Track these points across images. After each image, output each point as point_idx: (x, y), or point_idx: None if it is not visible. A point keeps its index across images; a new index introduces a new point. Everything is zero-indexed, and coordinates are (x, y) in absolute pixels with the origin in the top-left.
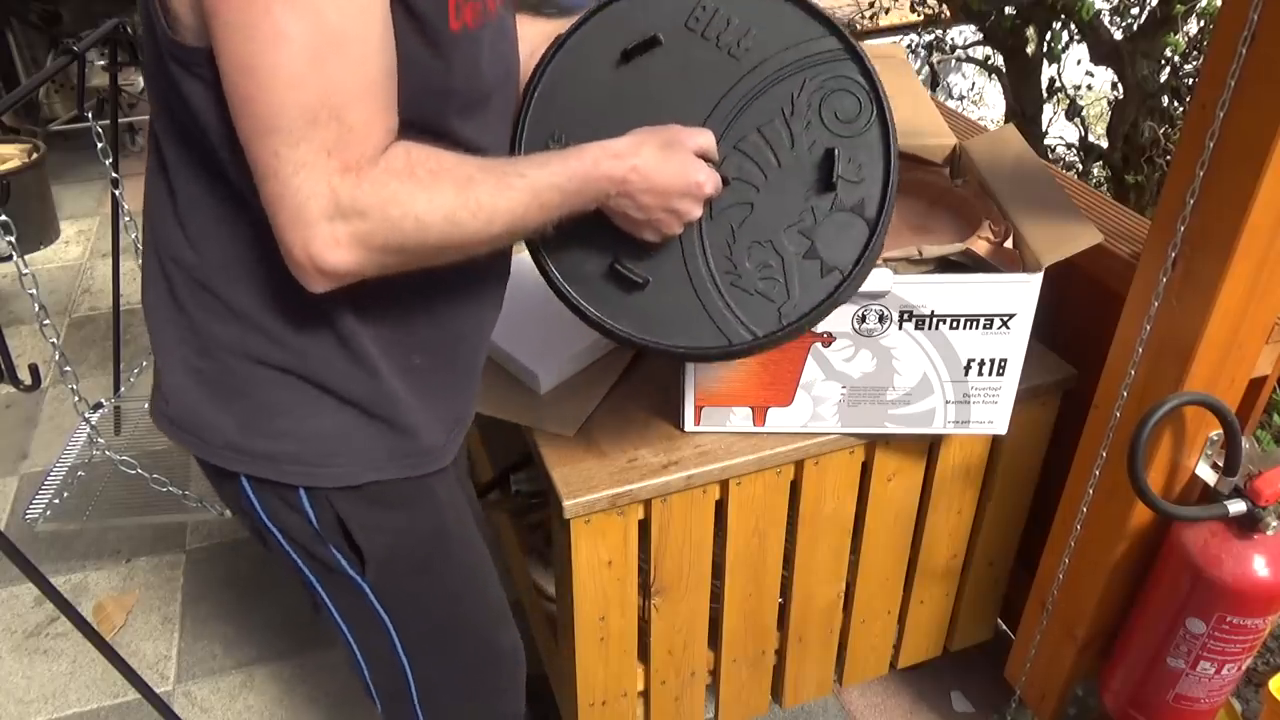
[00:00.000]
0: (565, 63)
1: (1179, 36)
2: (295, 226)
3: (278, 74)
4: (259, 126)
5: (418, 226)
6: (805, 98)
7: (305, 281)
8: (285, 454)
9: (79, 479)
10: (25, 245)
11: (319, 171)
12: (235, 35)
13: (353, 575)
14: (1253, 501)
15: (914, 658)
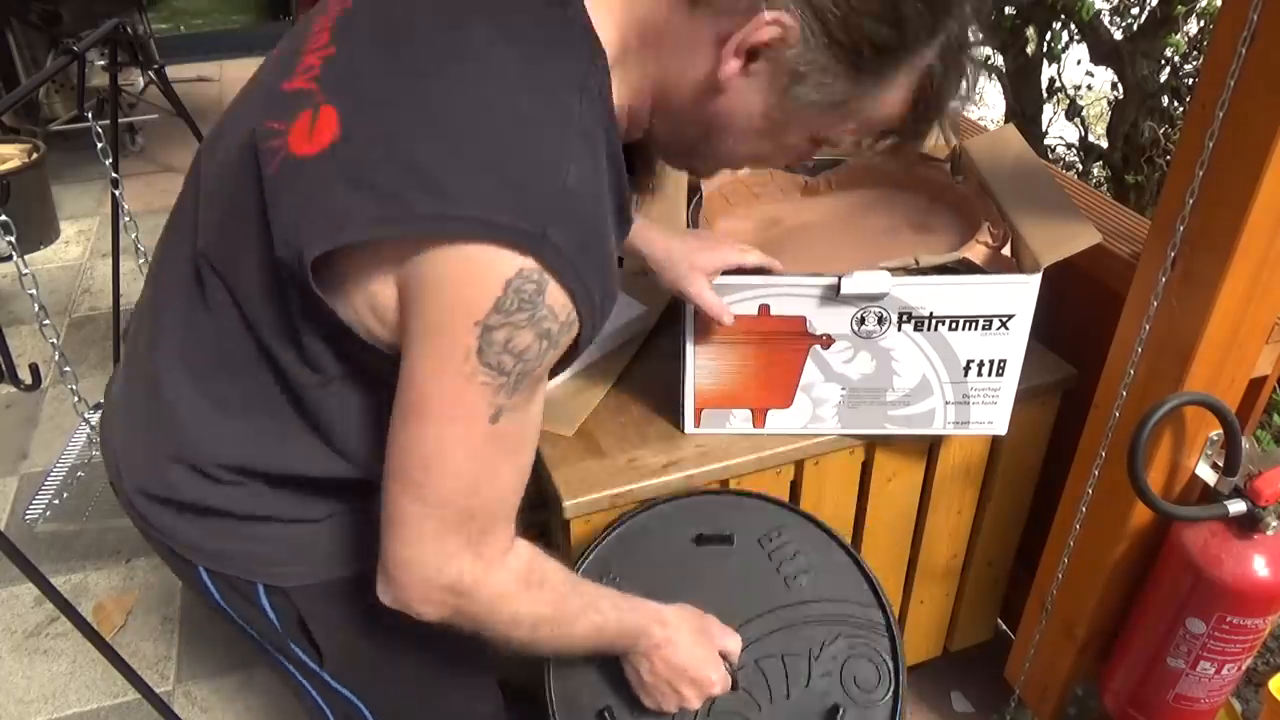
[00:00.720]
0: (651, 522)
1: (1179, 36)
2: (410, 583)
3: (459, 479)
4: (419, 505)
5: (508, 623)
6: (834, 650)
7: (382, 596)
8: (250, 554)
9: (79, 479)
10: (25, 245)
11: (457, 558)
12: (424, 436)
13: (312, 665)
14: (1253, 501)
15: (914, 658)
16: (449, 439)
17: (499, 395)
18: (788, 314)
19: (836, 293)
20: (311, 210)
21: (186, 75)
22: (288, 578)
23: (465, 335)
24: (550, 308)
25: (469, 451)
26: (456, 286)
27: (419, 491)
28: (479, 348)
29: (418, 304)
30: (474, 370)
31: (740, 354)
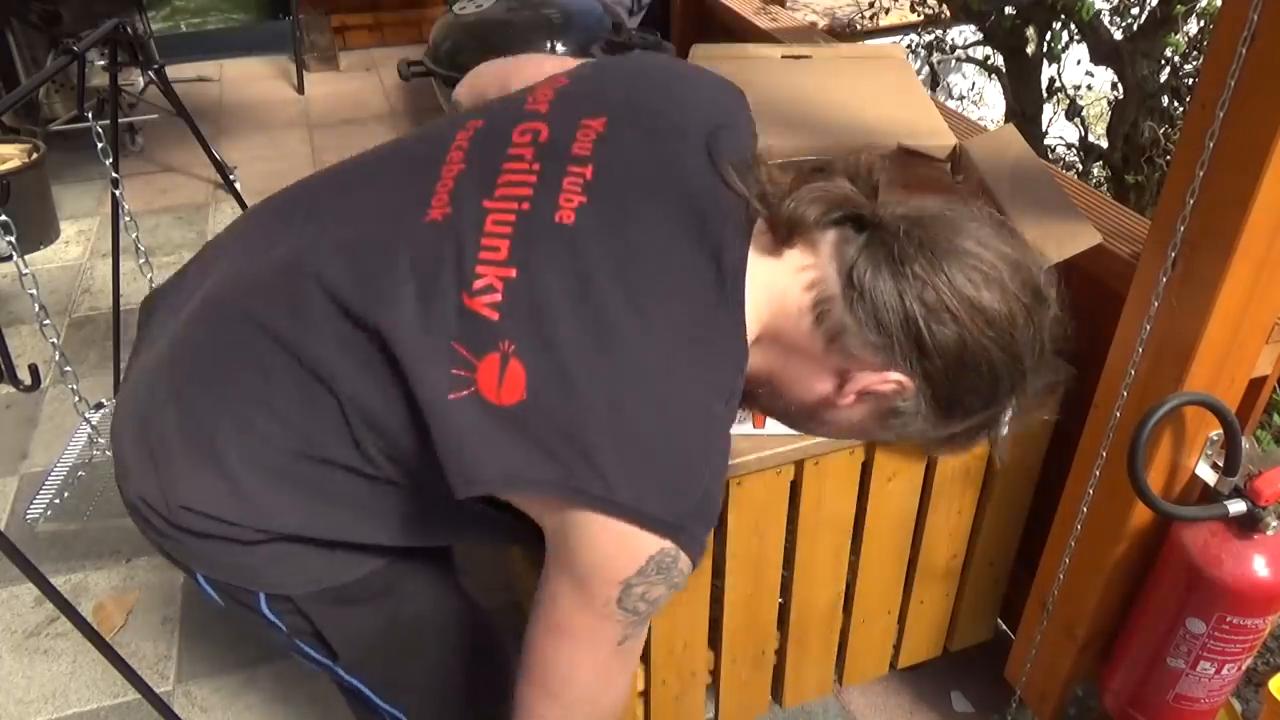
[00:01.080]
0: None
1: (1179, 36)
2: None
3: (586, 688)
4: (548, 705)
5: None
6: None
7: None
8: (251, 565)
9: (79, 479)
10: (25, 245)
11: None
12: (559, 652)
13: (326, 662)
14: (1253, 501)
15: (914, 658)
16: (582, 657)
17: (629, 628)
18: None
19: None
20: (491, 451)
21: (186, 75)
22: (287, 586)
23: (609, 588)
24: (681, 570)
25: (597, 666)
26: (607, 550)
27: (550, 694)
28: (619, 597)
29: (569, 548)
30: (612, 612)
31: None
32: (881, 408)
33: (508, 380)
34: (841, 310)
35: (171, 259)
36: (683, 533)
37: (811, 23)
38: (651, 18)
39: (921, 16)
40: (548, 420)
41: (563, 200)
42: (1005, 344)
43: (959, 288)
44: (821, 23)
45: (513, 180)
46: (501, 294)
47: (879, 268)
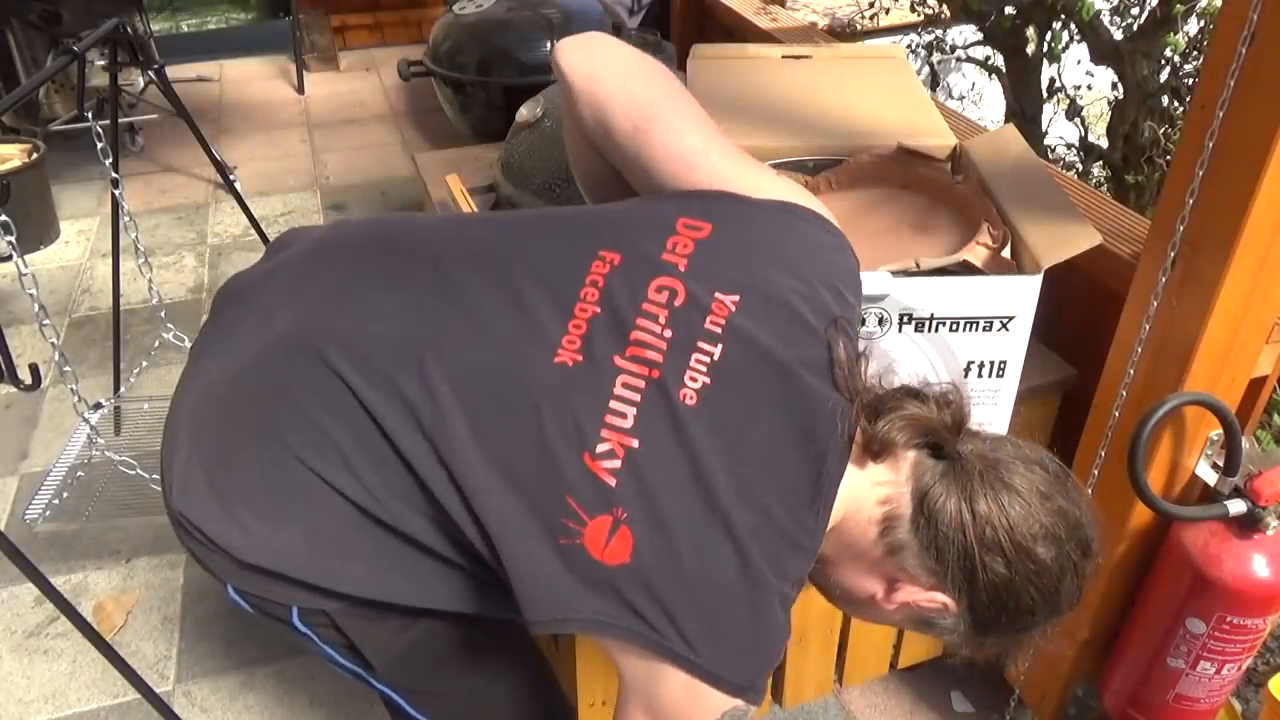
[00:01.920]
0: None
1: (1179, 36)
2: None
3: None
4: None
5: None
6: None
7: None
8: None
9: (79, 479)
10: (25, 245)
11: None
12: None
13: (364, 675)
14: (1253, 501)
15: (914, 658)
16: None
17: None
18: None
19: None
20: (581, 597)
21: (186, 75)
22: (327, 602)
23: None
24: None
25: None
26: (687, 704)
27: None
28: None
29: (650, 692)
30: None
31: None
32: (922, 617)
33: (615, 542)
34: (907, 530)
35: (171, 259)
36: (752, 692)
37: (811, 23)
38: (651, 18)
39: (921, 16)
40: (646, 585)
41: (688, 378)
42: (1049, 594)
43: (1018, 536)
44: (821, 23)
45: (645, 341)
46: (622, 462)
47: (949, 500)
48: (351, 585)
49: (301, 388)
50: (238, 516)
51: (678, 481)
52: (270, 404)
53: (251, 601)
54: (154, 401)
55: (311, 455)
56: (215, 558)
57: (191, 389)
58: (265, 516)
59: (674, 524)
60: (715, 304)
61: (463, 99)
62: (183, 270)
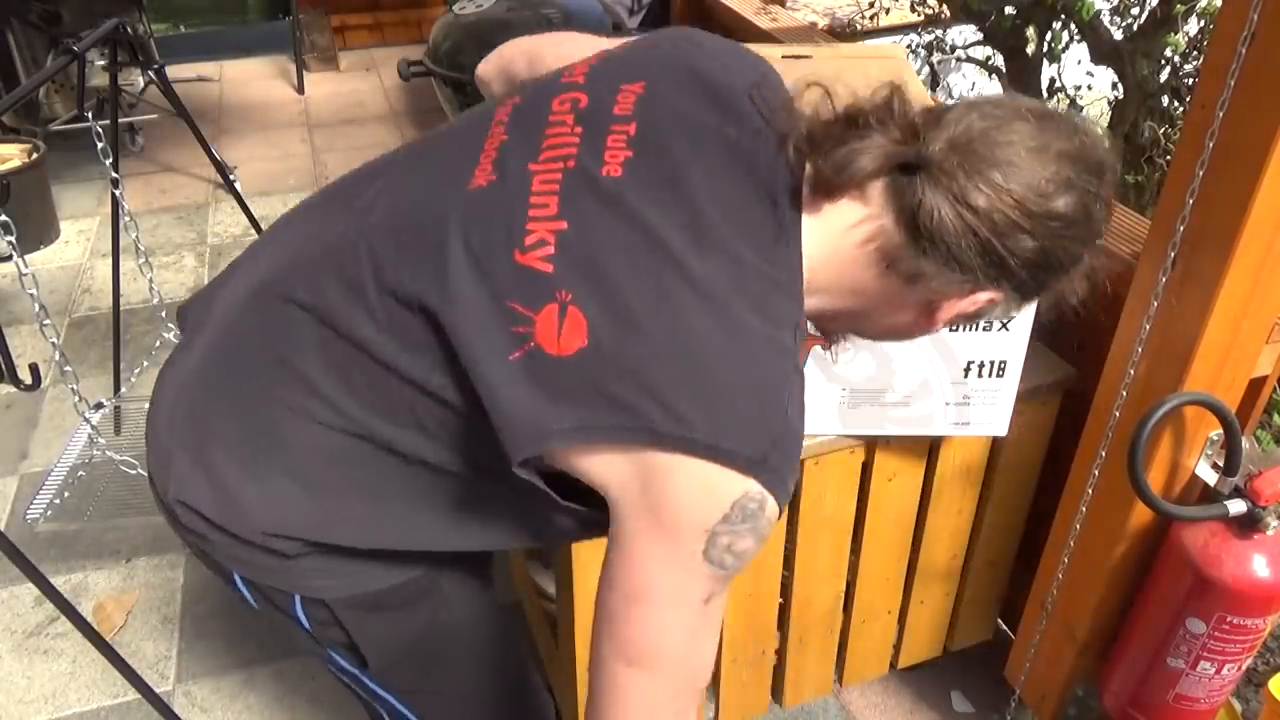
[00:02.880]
0: None
1: (1179, 36)
2: None
3: (674, 655)
4: (636, 679)
5: None
6: None
7: None
8: (288, 568)
9: (79, 479)
10: (25, 245)
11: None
12: (645, 621)
13: (358, 673)
14: (1253, 501)
15: (914, 658)
16: (669, 620)
17: (715, 584)
18: None
19: None
20: (557, 407)
21: (186, 75)
22: (328, 590)
23: (694, 540)
24: (768, 518)
25: (685, 629)
26: (690, 495)
27: (638, 667)
28: (705, 549)
29: (650, 499)
30: (698, 566)
31: None
32: (973, 315)
33: (567, 329)
34: (913, 258)
35: (171, 259)
36: (765, 470)
37: (811, 23)
38: (651, 18)
39: (921, 16)
40: (613, 364)
41: (608, 156)
42: (1082, 234)
43: (1030, 206)
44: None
45: (556, 144)
46: (554, 247)
47: (941, 210)
48: (351, 530)
49: (261, 336)
50: (229, 485)
51: (619, 251)
52: (237, 363)
53: (256, 594)
54: None
55: (281, 392)
56: (217, 540)
57: (164, 393)
58: (255, 474)
59: (624, 289)
60: (621, 94)
61: (463, 99)
62: (183, 270)
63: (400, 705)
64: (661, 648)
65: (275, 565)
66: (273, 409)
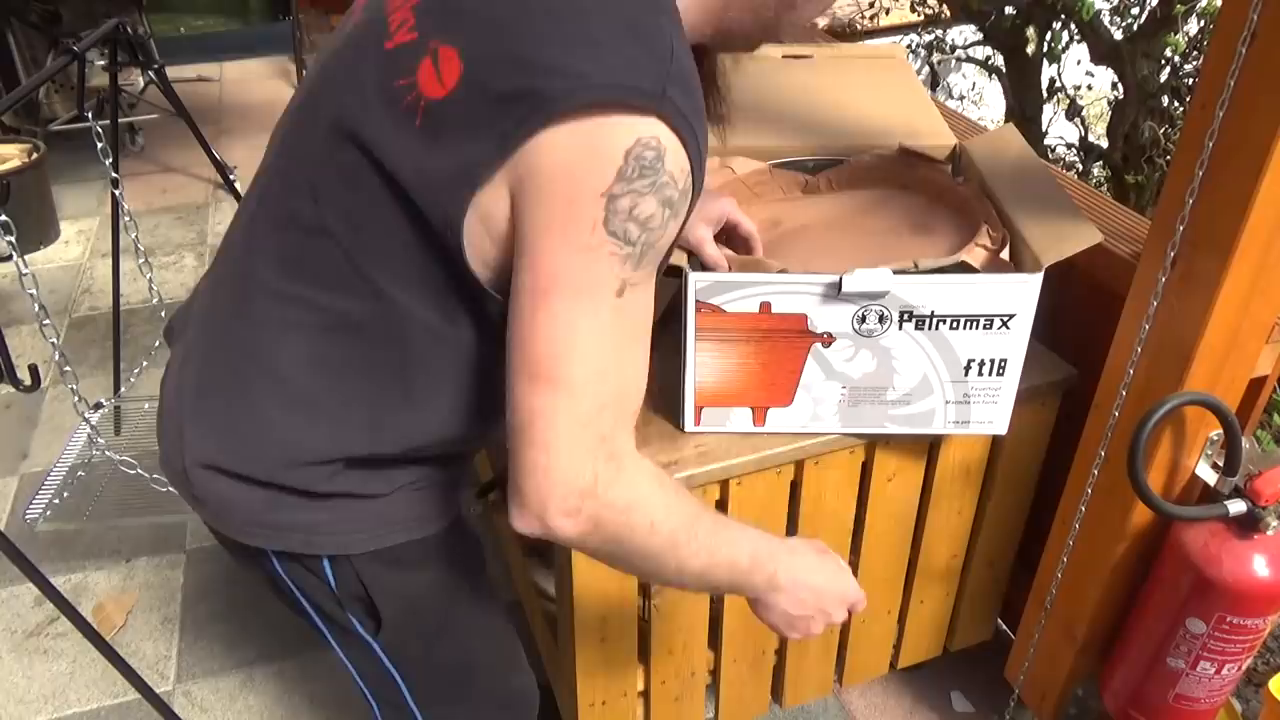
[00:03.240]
0: None
1: (1179, 36)
2: (545, 488)
3: (589, 363)
4: (550, 397)
5: (646, 532)
6: None
7: (516, 520)
8: (313, 524)
9: (79, 479)
10: (25, 245)
11: (591, 454)
12: (554, 320)
13: (363, 635)
14: (1253, 501)
15: (914, 658)
16: (578, 317)
17: (625, 266)
18: (789, 312)
19: (838, 291)
20: (462, 147)
21: (186, 75)
22: (350, 546)
23: (591, 208)
24: (670, 174)
25: (597, 329)
26: (579, 162)
27: (550, 382)
28: (605, 218)
29: (539, 192)
30: (601, 241)
31: (741, 352)
32: None
33: (443, 66)
34: None
35: (171, 259)
36: (666, 103)
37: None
38: None
39: (921, 16)
40: (489, 67)
41: None
42: None
43: None
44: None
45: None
46: (413, 16)
47: None
48: (359, 433)
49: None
50: (238, 428)
51: None
52: (217, 323)
53: (283, 559)
54: (154, 401)
55: (257, 314)
56: (241, 503)
57: (168, 397)
58: (258, 408)
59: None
60: None
61: None
62: (183, 270)
63: (401, 684)
64: (573, 354)
65: (302, 521)
66: (255, 337)
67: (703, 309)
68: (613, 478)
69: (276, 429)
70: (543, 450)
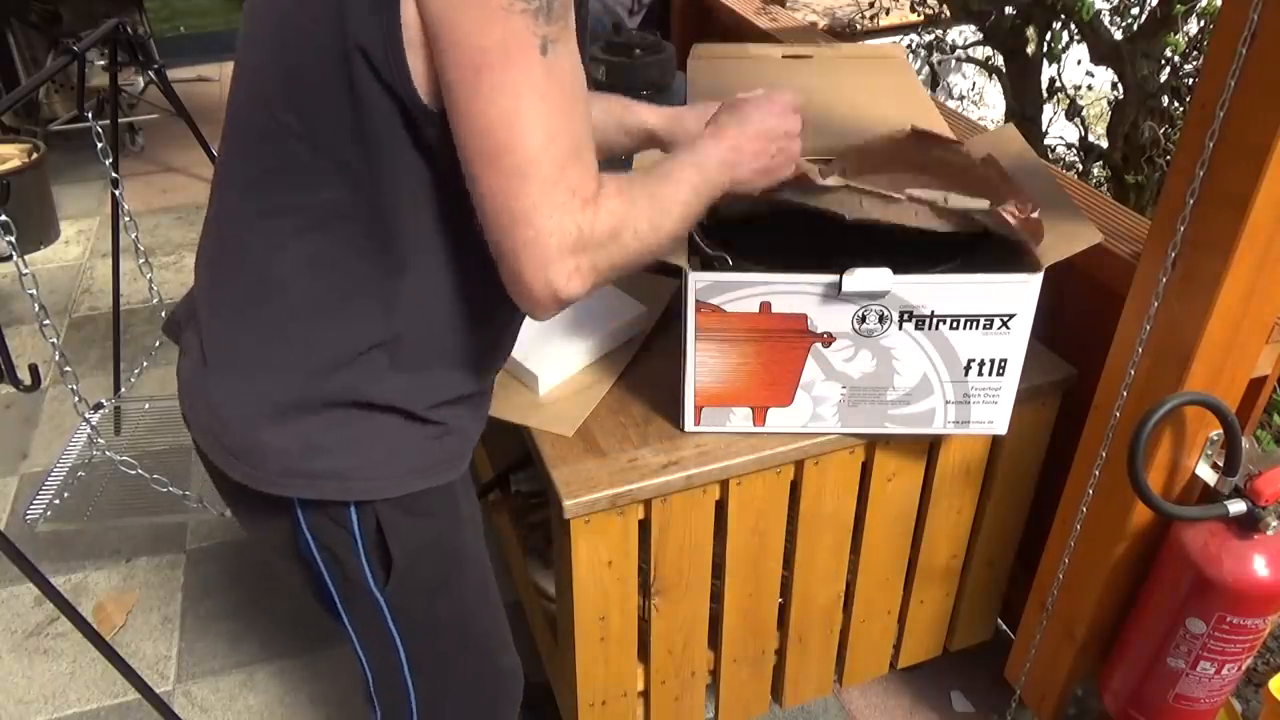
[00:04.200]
0: None
1: (1179, 36)
2: (541, 266)
3: (539, 127)
4: (513, 177)
5: (637, 242)
6: None
7: (536, 311)
8: (346, 469)
9: (79, 479)
10: (25, 245)
11: (569, 212)
12: (494, 94)
13: (374, 591)
14: (1253, 501)
15: (914, 658)
16: (514, 87)
17: (538, 22)
18: (789, 311)
19: (838, 291)
20: None
21: (186, 75)
22: (376, 491)
23: None
24: None
25: (535, 93)
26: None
27: (510, 160)
28: None
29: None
30: (510, 4)
31: (741, 352)
32: None
33: None
34: None
35: (171, 259)
36: None
37: (811, 23)
38: (651, 18)
39: (921, 16)
40: None
41: None
42: None
43: None
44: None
45: None
46: None
47: None
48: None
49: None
50: (256, 354)
51: None
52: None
53: (310, 515)
54: (154, 401)
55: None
56: (272, 444)
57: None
58: (271, 327)
59: None
60: None
61: None
62: (183, 270)
63: (400, 646)
64: (521, 126)
65: (337, 467)
66: (251, 268)
67: (703, 309)
68: (592, 220)
69: (297, 340)
70: (525, 225)
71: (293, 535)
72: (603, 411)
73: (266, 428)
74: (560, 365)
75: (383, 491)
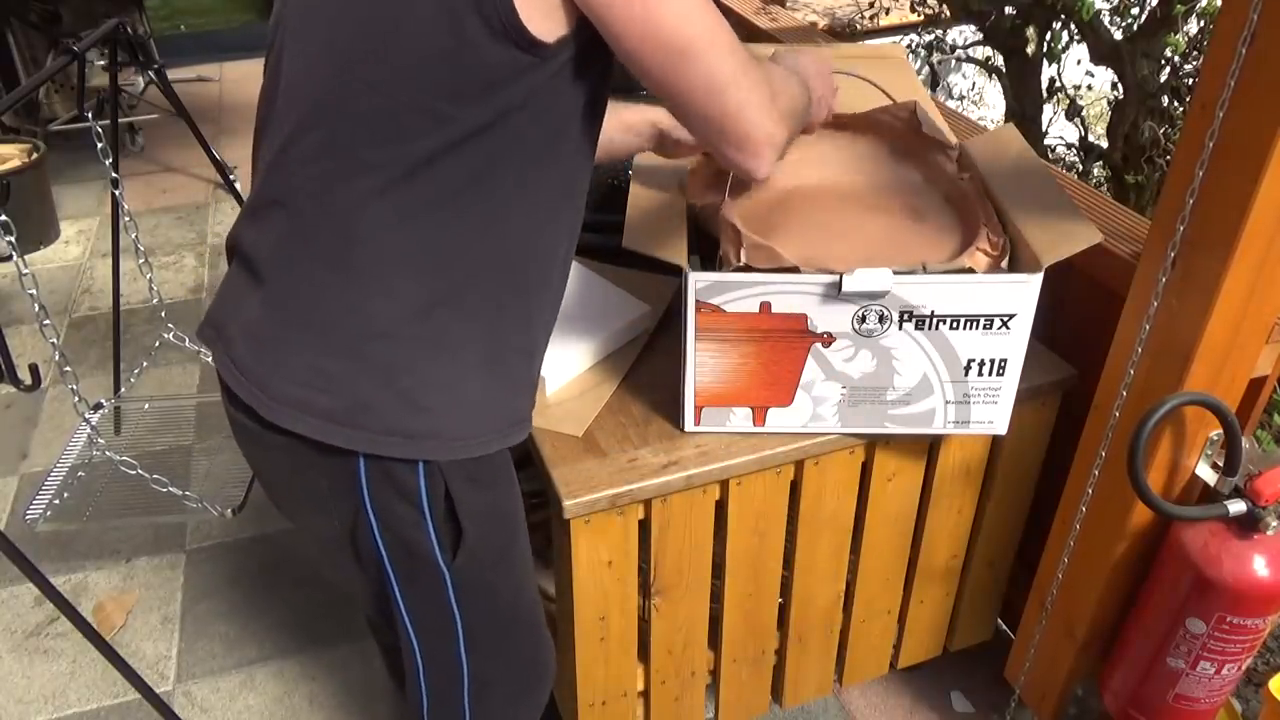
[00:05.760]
0: None
1: (1179, 36)
2: (761, 119)
3: (707, 16)
4: (711, 60)
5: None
6: None
7: (762, 166)
8: (411, 430)
9: (79, 479)
10: (25, 245)
11: (766, 103)
12: (677, 24)
13: (440, 563)
14: (1253, 501)
15: (914, 658)
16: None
17: None
18: (789, 311)
19: (838, 291)
20: None
21: (186, 75)
22: (444, 451)
23: None
24: None
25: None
26: None
27: (701, 47)
28: None
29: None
30: None
31: (741, 352)
32: None
33: None
34: None
35: (171, 259)
36: None
37: (811, 23)
38: None
39: (921, 16)
40: None
41: None
42: None
43: None
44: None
45: None
46: None
47: None
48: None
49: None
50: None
51: None
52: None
53: (374, 477)
54: (154, 401)
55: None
56: (341, 405)
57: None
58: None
59: None
60: None
61: None
62: (183, 270)
63: (458, 622)
64: (692, 16)
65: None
66: (330, 219)
67: (703, 309)
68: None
69: (374, 294)
70: (735, 89)
71: (352, 519)
72: (603, 411)
73: (333, 388)
74: (566, 366)
75: (447, 453)
